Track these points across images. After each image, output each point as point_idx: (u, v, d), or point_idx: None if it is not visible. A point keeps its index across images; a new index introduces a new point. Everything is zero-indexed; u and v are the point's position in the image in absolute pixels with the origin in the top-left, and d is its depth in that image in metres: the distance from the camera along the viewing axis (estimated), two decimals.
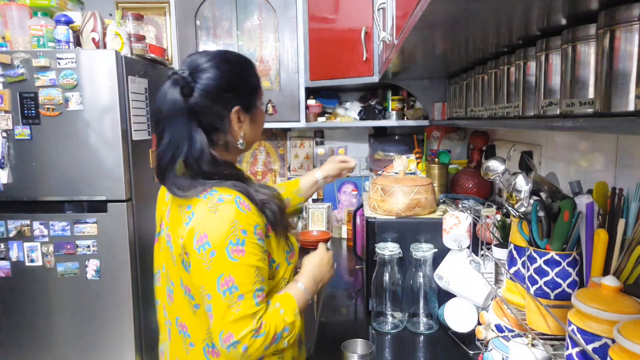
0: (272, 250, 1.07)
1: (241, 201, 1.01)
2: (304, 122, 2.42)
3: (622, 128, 0.60)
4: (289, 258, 1.13)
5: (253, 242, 1.00)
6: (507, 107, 1.08)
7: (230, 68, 1.07)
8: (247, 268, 0.98)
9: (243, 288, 0.97)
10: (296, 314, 1.04)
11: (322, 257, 1.18)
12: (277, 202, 1.07)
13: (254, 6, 2.38)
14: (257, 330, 0.97)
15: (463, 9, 0.75)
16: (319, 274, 1.16)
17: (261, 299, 1.00)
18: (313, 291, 1.13)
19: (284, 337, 1.02)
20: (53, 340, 2.17)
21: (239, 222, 0.98)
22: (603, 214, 0.83)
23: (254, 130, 1.14)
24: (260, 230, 1.02)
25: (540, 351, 0.88)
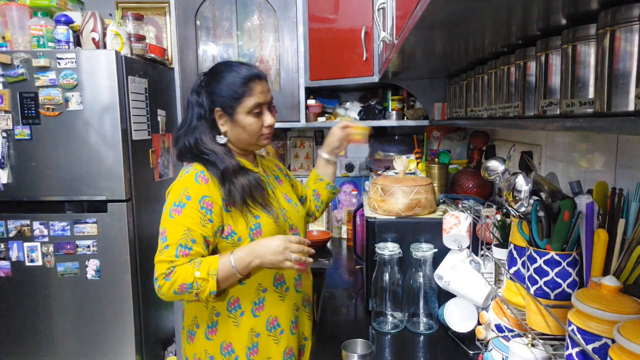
0: (232, 223, 1.27)
1: (201, 175, 1.26)
2: (304, 122, 2.42)
3: (622, 128, 0.60)
4: (252, 234, 1.27)
5: (194, 208, 1.22)
6: (507, 107, 1.08)
7: (216, 77, 1.30)
8: (178, 226, 1.21)
9: (170, 240, 1.21)
10: (211, 274, 1.17)
11: (272, 240, 1.22)
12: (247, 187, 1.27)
13: (254, 6, 2.38)
14: (167, 275, 1.18)
15: (463, 9, 0.75)
16: (260, 253, 1.21)
17: (183, 254, 1.19)
18: (243, 264, 1.21)
19: (194, 289, 1.18)
20: (53, 340, 2.17)
21: (189, 189, 1.24)
22: (603, 214, 0.83)
23: (237, 133, 1.32)
24: (208, 201, 1.23)
25: (540, 351, 0.88)
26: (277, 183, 1.48)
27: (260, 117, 1.31)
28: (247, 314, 1.31)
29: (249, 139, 1.33)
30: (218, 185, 1.25)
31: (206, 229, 1.23)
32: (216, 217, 1.25)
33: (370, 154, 2.65)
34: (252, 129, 1.30)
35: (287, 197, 1.46)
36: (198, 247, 1.22)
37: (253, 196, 1.28)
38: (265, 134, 1.35)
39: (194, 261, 1.20)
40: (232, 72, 1.29)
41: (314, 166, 2.81)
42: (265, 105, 1.32)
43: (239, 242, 1.27)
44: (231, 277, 1.22)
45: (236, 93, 1.27)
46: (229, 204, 1.25)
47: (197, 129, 1.31)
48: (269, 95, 1.33)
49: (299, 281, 1.41)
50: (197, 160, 1.29)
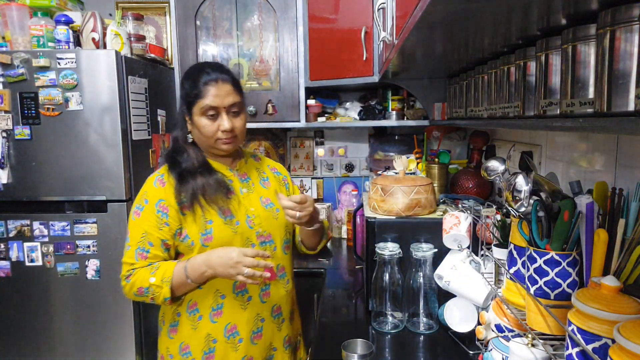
0: (187, 227, 1.28)
1: (160, 179, 1.31)
2: (304, 122, 2.42)
3: (622, 128, 0.60)
4: (203, 240, 1.27)
5: (151, 211, 1.27)
6: (507, 107, 1.08)
7: (185, 77, 1.34)
8: (138, 228, 1.27)
9: (130, 242, 1.28)
10: (165, 281, 1.21)
11: (227, 252, 1.19)
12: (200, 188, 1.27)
13: (254, 6, 2.38)
14: (127, 277, 1.25)
15: (463, 9, 0.75)
16: (213, 263, 1.20)
17: (141, 257, 1.25)
18: (196, 274, 1.22)
19: (149, 294, 1.23)
20: (53, 341, 2.17)
21: (147, 193, 1.30)
22: (603, 214, 0.82)
23: (196, 134, 1.33)
24: (164, 205, 1.27)
25: (540, 351, 0.88)
26: (259, 186, 1.43)
27: (215, 121, 1.29)
28: (205, 319, 1.30)
29: (206, 141, 1.32)
30: (174, 185, 1.28)
31: (163, 232, 1.26)
32: (172, 221, 1.27)
33: (370, 154, 2.65)
34: (205, 131, 1.30)
35: (266, 202, 1.40)
36: (156, 250, 1.26)
37: (205, 197, 1.27)
38: (222, 138, 1.31)
39: (153, 265, 1.24)
40: (194, 74, 1.31)
41: (314, 167, 2.82)
42: (222, 109, 1.29)
43: (192, 246, 1.27)
44: (185, 285, 1.24)
45: (192, 94, 1.29)
46: (181, 204, 1.27)
47: (176, 126, 1.37)
48: (227, 99, 1.29)
49: (266, 291, 1.36)
50: (167, 160, 1.34)
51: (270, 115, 2.42)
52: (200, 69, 1.32)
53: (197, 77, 1.29)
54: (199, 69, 1.33)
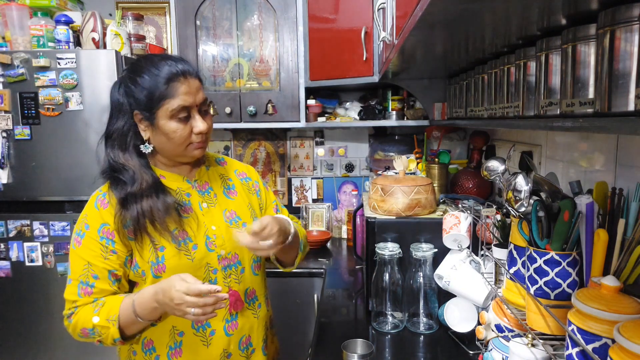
0: (137, 253, 1.09)
1: (102, 198, 1.11)
2: (304, 122, 2.42)
3: (622, 128, 0.60)
4: (154, 270, 1.08)
5: (92, 239, 1.08)
6: (507, 107, 1.08)
7: (135, 74, 1.08)
8: (78, 259, 1.08)
9: (71, 274, 1.09)
10: (111, 320, 1.02)
11: (168, 290, 0.97)
12: (147, 212, 1.06)
13: (254, 6, 2.38)
14: (69, 317, 1.08)
15: (463, 9, 0.75)
16: (161, 301, 0.99)
17: (84, 292, 1.07)
18: (146, 311, 1.02)
19: (95, 335, 1.05)
20: (53, 340, 2.17)
21: (87, 216, 1.10)
22: (603, 214, 0.83)
23: (160, 141, 1.11)
24: (108, 230, 1.08)
25: (540, 351, 0.88)
26: (223, 198, 1.23)
27: (187, 123, 1.09)
28: (163, 358, 1.13)
29: (175, 149, 1.11)
30: (115, 210, 1.08)
31: (110, 261, 1.07)
32: (120, 247, 1.08)
33: (370, 154, 2.65)
34: (177, 136, 1.08)
35: (231, 216, 1.21)
36: (102, 283, 1.07)
37: (154, 223, 1.07)
38: (196, 142, 1.11)
39: (97, 302, 1.06)
40: (151, 69, 1.07)
41: (314, 167, 2.82)
42: (194, 108, 1.09)
43: (144, 276, 1.10)
44: (135, 324, 1.05)
45: (155, 94, 1.05)
46: (126, 228, 1.07)
47: (117, 136, 1.11)
48: (198, 96, 1.10)
49: (232, 322, 1.17)
50: (110, 178, 1.11)
51: (270, 115, 2.42)
52: (157, 62, 1.08)
53: (157, 71, 1.06)
54: (155, 61, 1.08)
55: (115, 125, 1.11)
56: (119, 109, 1.12)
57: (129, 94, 1.09)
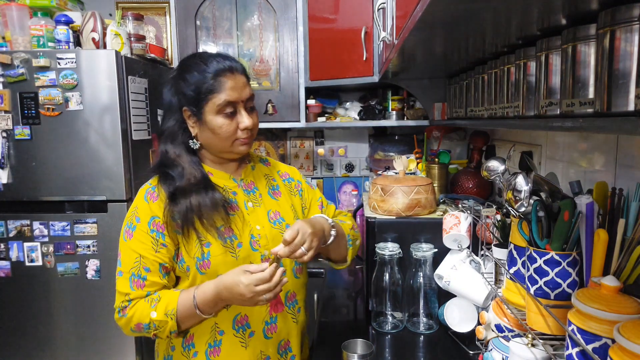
0: (183, 248, 1.10)
1: (152, 191, 1.11)
2: (304, 122, 2.42)
3: (622, 128, 0.60)
4: (199, 266, 1.08)
5: (143, 231, 1.08)
6: (507, 107, 1.08)
7: (184, 71, 1.12)
8: (130, 252, 1.08)
9: (123, 267, 1.09)
10: (169, 314, 1.04)
11: (234, 286, 1.00)
12: (195, 208, 1.07)
13: (254, 6, 2.38)
14: (122, 310, 1.08)
15: (463, 9, 0.75)
16: (226, 298, 1.03)
17: (138, 285, 1.07)
18: (208, 307, 1.05)
19: (151, 329, 1.05)
20: (53, 341, 2.17)
21: (138, 209, 1.11)
22: (603, 214, 0.82)
23: (207, 137, 1.13)
24: (159, 222, 1.08)
25: (540, 351, 0.88)
26: (268, 198, 1.24)
27: (233, 118, 1.11)
28: (201, 356, 1.12)
29: (221, 144, 1.13)
30: (165, 204, 1.09)
31: (160, 254, 1.08)
32: (169, 240, 1.09)
33: (370, 154, 2.65)
34: (223, 131, 1.10)
35: (275, 217, 1.21)
36: (153, 276, 1.08)
37: (202, 219, 1.08)
38: (242, 138, 1.13)
39: (152, 297, 1.07)
40: (199, 66, 1.10)
41: (314, 167, 2.82)
42: (240, 104, 1.11)
43: (188, 272, 1.10)
44: (194, 318, 1.07)
45: (202, 89, 1.08)
46: (175, 223, 1.08)
47: (168, 133, 1.14)
48: (244, 92, 1.12)
49: (271, 325, 1.16)
50: (160, 173, 1.13)
51: (270, 115, 2.42)
52: (206, 58, 1.12)
53: (205, 67, 1.09)
54: (204, 57, 1.12)
55: (167, 124, 1.14)
56: (170, 108, 1.15)
57: (178, 91, 1.12)
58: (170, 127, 1.14)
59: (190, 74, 1.10)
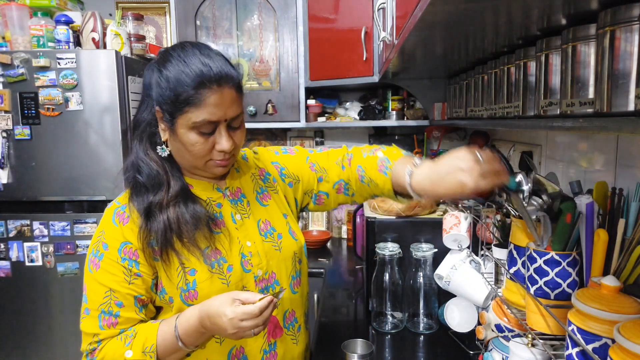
0: (163, 277, 0.93)
1: (121, 212, 0.94)
2: (303, 122, 2.42)
3: (622, 128, 0.60)
4: (185, 297, 0.92)
5: (112, 260, 0.91)
6: (507, 107, 1.08)
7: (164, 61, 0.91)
8: (97, 285, 0.92)
9: (90, 303, 0.93)
10: (147, 351, 0.88)
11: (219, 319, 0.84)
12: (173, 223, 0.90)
13: (254, 6, 2.38)
14: (90, 353, 0.93)
15: (463, 9, 0.75)
16: (209, 327, 0.87)
17: (108, 323, 0.91)
18: (192, 338, 0.89)
19: None
20: (53, 340, 2.17)
21: (105, 233, 0.93)
22: (603, 214, 0.82)
23: (177, 148, 0.94)
24: (131, 249, 0.91)
25: (540, 351, 0.88)
26: (257, 205, 1.07)
27: (210, 138, 0.91)
28: None
29: (193, 162, 0.94)
30: (138, 223, 0.92)
31: (134, 286, 0.91)
32: (145, 269, 0.92)
33: None
34: (195, 149, 0.91)
35: (266, 227, 1.05)
36: (128, 311, 0.91)
37: (182, 238, 0.91)
38: (217, 160, 0.94)
39: (125, 334, 0.91)
40: (181, 63, 0.88)
41: None
42: (222, 123, 0.90)
43: (171, 303, 0.94)
44: (177, 352, 0.91)
45: (180, 97, 0.87)
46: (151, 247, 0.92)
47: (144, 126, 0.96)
48: (230, 111, 0.90)
49: (271, 353, 1.02)
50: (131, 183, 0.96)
51: (270, 115, 2.42)
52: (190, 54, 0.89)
53: (191, 70, 0.86)
54: (188, 53, 0.89)
55: (142, 114, 0.96)
56: (147, 96, 0.95)
57: (157, 83, 0.91)
58: (147, 120, 0.95)
59: (170, 72, 0.88)
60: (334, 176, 1.13)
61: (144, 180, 0.93)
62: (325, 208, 1.19)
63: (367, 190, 1.08)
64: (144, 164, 0.94)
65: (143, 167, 0.94)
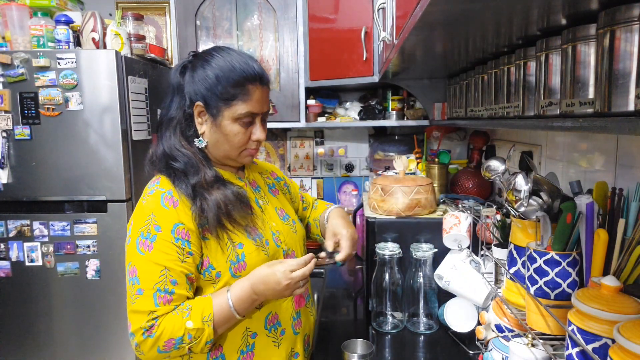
0: (211, 254, 1.02)
1: (169, 196, 1.01)
2: (304, 122, 2.42)
3: (622, 128, 0.60)
4: (234, 269, 1.02)
5: (165, 241, 0.98)
6: (507, 107, 1.08)
7: (207, 62, 1.04)
8: (151, 265, 0.97)
9: (143, 284, 0.96)
10: (206, 320, 0.95)
11: (270, 276, 0.98)
12: (222, 203, 1.01)
13: (254, 6, 2.38)
14: (148, 330, 0.94)
15: (463, 9, 0.75)
16: (261, 292, 0.98)
17: (164, 301, 0.96)
18: (245, 305, 0.99)
19: (186, 342, 0.95)
20: (53, 340, 2.17)
21: (156, 216, 0.99)
22: (603, 214, 0.82)
23: (216, 139, 1.06)
24: (183, 229, 0.99)
25: (540, 351, 0.88)
26: (270, 196, 1.23)
27: (248, 128, 1.06)
28: None
29: (229, 151, 1.08)
30: (189, 205, 1.01)
31: (187, 264, 0.99)
32: (195, 248, 1.00)
33: (370, 154, 2.65)
34: (236, 140, 1.05)
35: (282, 214, 1.21)
36: (181, 289, 0.98)
37: (231, 215, 1.02)
38: (251, 149, 1.09)
39: (181, 308, 0.97)
40: (228, 62, 1.03)
41: (314, 167, 2.82)
42: (259, 116, 1.07)
43: (218, 278, 1.03)
44: (230, 321, 1.00)
45: (228, 92, 1.01)
46: (202, 226, 1.01)
47: (177, 121, 1.06)
48: (266, 106, 1.08)
49: (297, 320, 1.15)
50: (165, 171, 1.05)
51: (270, 115, 2.41)
52: (235, 59, 1.04)
53: (235, 70, 1.02)
54: (235, 56, 1.04)
55: (172, 111, 1.06)
56: (179, 94, 1.06)
57: (195, 81, 1.03)
58: (177, 116, 1.05)
59: (217, 70, 1.02)
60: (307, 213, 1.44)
61: (181, 167, 1.03)
62: None
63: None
64: (180, 152, 1.04)
65: (179, 156, 1.04)
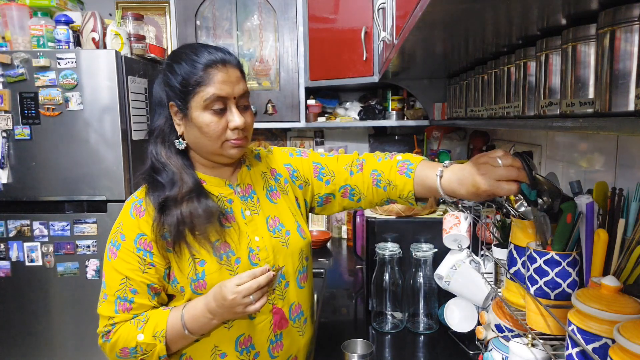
0: (175, 268, 1.00)
1: (138, 205, 1.02)
2: (303, 122, 2.42)
3: (622, 128, 0.60)
4: (194, 287, 0.98)
5: (128, 250, 0.99)
6: (507, 107, 1.08)
7: (174, 62, 1.01)
8: (114, 273, 0.99)
9: (107, 289, 1.00)
10: (157, 336, 0.95)
11: (219, 294, 0.92)
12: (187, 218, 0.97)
13: (254, 6, 2.39)
14: (106, 335, 0.99)
15: (463, 9, 0.75)
16: (215, 311, 0.94)
17: (123, 308, 0.98)
18: (198, 324, 0.96)
19: (139, 353, 0.96)
20: (53, 340, 2.17)
21: (123, 225, 1.02)
22: (603, 214, 0.82)
23: (193, 136, 1.01)
24: (145, 240, 0.99)
25: (540, 351, 0.88)
26: (266, 202, 1.12)
27: (223, 116, 0.99)
28: None
29: (210, 146, 1.01)
30: (153, 216, 1.00)
31: (148, 275, 0.98)
32: (158, 260, 0.99)
33: None
34: (210, 130, 0.98)
35: (275, 224, 1.10)
36: (142, 298, 0.98)
37: (194, 232, 0.98)
38: (232, 139, 1.00)
39: (138, 318, 0.98)
40: (189, 56, 0.99)
41: None
42: (231, 100, 0.99)
43: (182, 292, 1.00)
44: (186, 339, 0.98)
45: (190, 81, 0.97)
46: (165, 239, 0.99)
47: (158, 132, 1.04)
48: (237, 88, 1.00)
49: (277, 343, 1.06)
50: (146, 180, 1.05)
51: (270, 115, 2.42)
52: (197, 48, 1.01)
53: (195, 57, 0.98)
54: (195, 47, 1.01)
55: (156, 121, 1.05)
56: (159, 103, 1.05)
57: (166, 83, 1.02)
58: (160, 126, 1.04)
59: (179, 64, 0.99)
60: (341, 180, 1.19)
61: (160, 177, 1.01)
62: (331, 211, 1.26)
63: (382, 194, 1.15)
64: (159, 164, 1.03)
65: (158, 167, 1.03)
